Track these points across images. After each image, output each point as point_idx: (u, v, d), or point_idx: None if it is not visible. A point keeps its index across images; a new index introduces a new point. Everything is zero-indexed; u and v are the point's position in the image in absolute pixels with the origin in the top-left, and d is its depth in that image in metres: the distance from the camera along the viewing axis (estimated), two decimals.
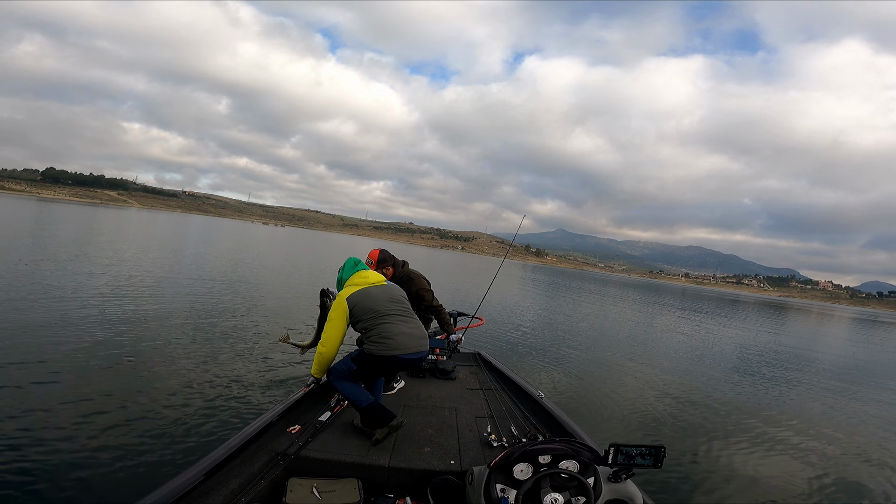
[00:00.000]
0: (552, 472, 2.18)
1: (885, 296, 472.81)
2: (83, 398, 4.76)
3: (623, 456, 2.19)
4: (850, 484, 4.70)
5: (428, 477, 2.74)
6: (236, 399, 5.26)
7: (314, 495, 2.52)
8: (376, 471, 2.80)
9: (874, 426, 7.27)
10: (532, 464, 2.24)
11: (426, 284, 4.59)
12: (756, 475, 4.48)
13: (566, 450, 2.24)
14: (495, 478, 2.24)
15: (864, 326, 43.59)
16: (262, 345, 7.57)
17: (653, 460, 2.19)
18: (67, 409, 4.48)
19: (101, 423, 4.28)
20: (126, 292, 10.04)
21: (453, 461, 2.92)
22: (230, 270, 17.10)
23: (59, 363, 5.54)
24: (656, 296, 51.14)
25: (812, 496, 4.26)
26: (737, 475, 4.40)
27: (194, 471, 2.36)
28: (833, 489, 4.50)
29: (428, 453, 3.01)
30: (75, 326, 6.99)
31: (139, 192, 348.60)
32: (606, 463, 2.22)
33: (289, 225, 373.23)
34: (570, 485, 2.18)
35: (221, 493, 2.36)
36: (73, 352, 6.00)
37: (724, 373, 9.55)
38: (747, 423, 6.07)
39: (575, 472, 2.20)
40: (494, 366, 5.04)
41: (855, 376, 12.27)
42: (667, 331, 16.36)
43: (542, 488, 2.16)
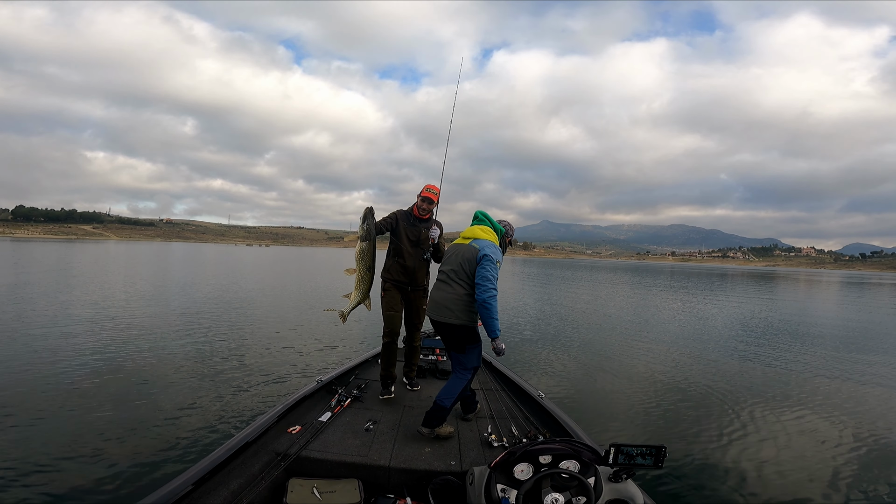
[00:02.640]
0: (553, 472, 2.18)
1: (867, 257, 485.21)
2: (84, 401, 4.93)
3: (623, 456, 2.19)
4: (859, 472, 4.53)
5: (428, 477, 2.76)
6: (237, 400, 5.37)
7: (315, 496, 2.55)
8: (377, 471, 2.82)
9: (885, 399, 7.14)
10: (533, 464, 2.24)
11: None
12: (760, 471, 4.42)
13: (567, 450, 2.23)
14: (496, 478, 2.23)
15: (855, 290, 44.38)
16: (263, 346, 7.66)
17: (653, 460, 2.18)
18: (68, 410, 4.62)
19: (102, 424, 4.42)
20: (122, 315, 9.89)
21: (454, 461, 2.93)
22: (221, 293, 16.84)
23: (61, 371, 5.78)
24: (647, 277, 51.73)
25: (818, 489, 4.19)
26: (739, 473, 4.35)
27: (195, 471, 2.39)
28: (841, 480, 4.36)
29: (428, 453, 3.03)
30: (78, 344, 6.85)
31: (114, 223, 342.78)
32: (607, 463, 2.21)
33: (273, 244, 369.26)
34: (571, 485, 2.17)
35: (222, 493, 2.38)
36: (75, 359, 6.27)
37: (725, 359, 9.41)
38: (750, 415, 5.98)
39: (575, 472, 2.20)
40: (494, 366, 5.07)
41: (860, 344, 12.25)
42: (663, 316, 16.28)
43: (542, 488, 2.15)
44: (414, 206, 4.13)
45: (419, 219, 4.13)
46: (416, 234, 4.09)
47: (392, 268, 4.13)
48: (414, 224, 4.11)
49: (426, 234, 4.11)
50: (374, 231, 3.71)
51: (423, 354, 5.25)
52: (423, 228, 4.13)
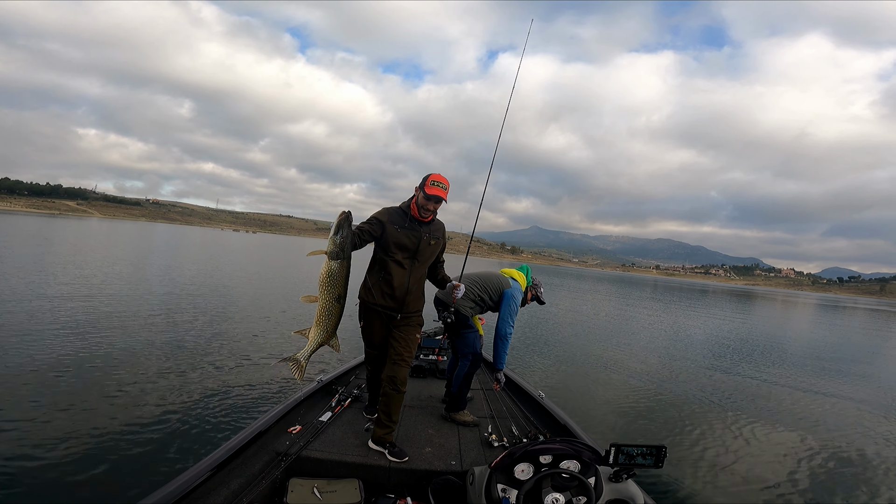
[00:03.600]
0: (553, 472, 2.18)
1: (844, 281, 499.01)
2: (82, 401, 4.83)
3: (624, 456, 2.20)
4: (847, 473, 4.73)
5: (429, 477, 2.75)
6: (237, 400, 5.33)
7: (315, 496, 2.54)
8: (377, 471, 2.80)
9: (863, 407, 7.57)
10: (533, 464, 2.23)
11: None
12: (759, 471, 4.50)
13: (567, 450, 2.23)
14: (496, 478, 2.23)
15: (830, 312, 45.44)
16: (263, 346, 7.69)
17: (654, 460, 2.19)
18: (68, 411, 4.56)
19: (102, 424, 4.38)
20: (117, 303, 9.79)
21: (454, 461, 2.93)
22: (216, 278, 16.60)
23: (55, 371, 5.52)
24: (632, 289, 52.30)
25: (815, 489, 4.30)
26: (738, 473, 4.41)
27: (195, 471, 2.37)
28: (833, 480, 4.53)
29: (429, 453, 3.02)
30: (70, 335, 6.71)
31: (99, 201, 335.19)
32: (607, 463, 2.22)
33: (260, 231, 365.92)
34: (572, 485, 2.17)
35: (222, 493, 2.37)
36: (71, 358, 5.99)
37: (717, 365, 9.67)
38: (747, 417, 6.12)
39: (576, 472, 2.20)
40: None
41: (838, 360, 12.80)
42: (654, 325, 16.65)
43: (543, 488, 2.15)
44: (412, 201, 3.05)
45: (419, 221, 3.02)
46: (413, 242, 2.99)
47: (375, 286, 3.02)
48: (412, 227, 3.00)
49: (429, 244, 3.07)
50: (350, 247, 2.72)
51: (423, 354, 5.25)
52: (425, 235, 3.03)
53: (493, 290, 3.77)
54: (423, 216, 3.00)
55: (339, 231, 2.64)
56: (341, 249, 2.66)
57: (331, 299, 2.67)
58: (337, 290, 2.68)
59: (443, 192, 2.96)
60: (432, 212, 3.02)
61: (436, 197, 2.96)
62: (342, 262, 2.67)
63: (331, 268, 2.65)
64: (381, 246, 3.02)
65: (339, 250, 2.65)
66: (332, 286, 2.66)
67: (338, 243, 2.64)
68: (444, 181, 2.97)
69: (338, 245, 2.64)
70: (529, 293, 4.05)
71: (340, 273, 2.67)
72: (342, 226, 2.65)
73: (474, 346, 3.73)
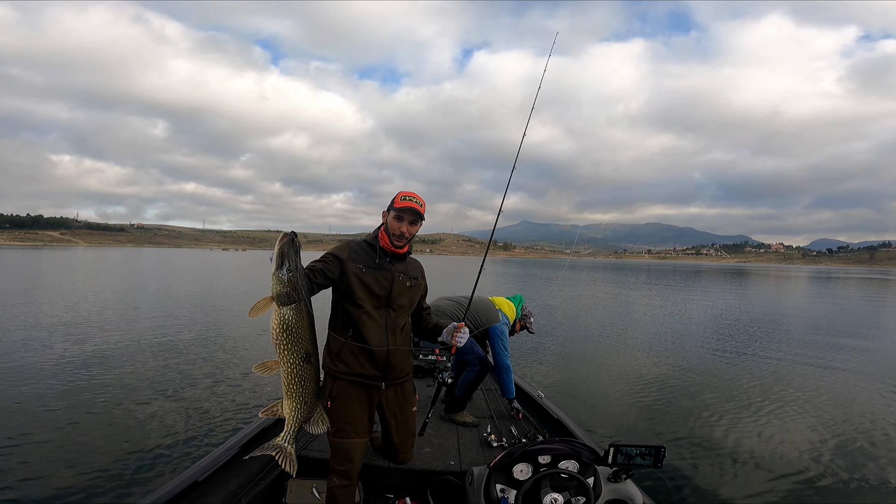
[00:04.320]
0: (552, 472, 2.17)
1: (834, 252, 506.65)
2: (83, 403, 4.95)
3: (623, 456, 2.19)
4: (847, 464, 4.64)
5: (428, 477, 2.75)
6: (237, 400, 5.38)
7: (314, 496, 2.56)
8: (376, 471, 2.81)
9: (864, 384, 7.54)
10: (532, 464, 2.23)
11: None
12: (759, 470, 4.48)
13: (566, 450, 2.23)
14: (495, 478, 2.23)
15: (822, 283, 45.97)
16: (262, 349, 7.81)
17: (653, 460, 2.20)
18: (68, 412, 4.66)
19: (102, 424, 4.45)
20: (112, 318, 9.56)
21: (453, 461, 2.94)
22: (209, 293, 16.46)
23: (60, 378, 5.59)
24: (626, 276, 52.52)
25: (815, 486, 4.25)
26: (738, 473, 4.40)
27: (195, 471, 2.40)
28: (835, 473, 4.46)
29: (428, 453, 3.03)
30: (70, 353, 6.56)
31: (83, 229, 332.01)
32: (606, 463, 2.22)
33: (250, 248, 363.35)
34: (570, 485, 2.16)
35: (222, 493, 2.38)
36: (70, 360, 6.13)
37: (718, 357, 9.56)
38: (747, 414, 6.07)
39: (575, 472, 2.19)
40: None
41: (837, 333, 12.87)
42: (651, 315, 16.52)
43: (541, 488, 2.15)
44: (379, 230, 2.34)
45: (391, 255, 2.31)
46: (384, 285, 2.27)
47: (344, 351, 2.25)
48: (381, 265, 2.28)
49: (406, 285, 2.34)
50: (305, 281, 2.00)
51: (422, 354, 5.25)
52: (399, 274, 2.32)
53: (482, 321, 3.89)
54: (395, 245, 2.26)
55: (283, 262, 1.87)
56: (292, 288, 1.89)
57: (296, 361, 1.96)
58: (301, 346, 1.95)
59: (418, 207, 2.25)
60: (407, 239, 2.30)
61: (410, 210, 2.23)
62: (299, 306, 1.93)
63: (284, 317, 1.90)
64: (342, 294, 2.24)
65: (290, 289, 1.89)
66: (292, 342, 1.94)
67: (285, 280, 1.88)
68: (415, 195, 2.30)
69: (286, 282, 1.88)
70: (518, 325, 4.22)
71: (299, 322, 1.93)
72: (286, 254, 1.88)
73: (478, 352, 3.78)
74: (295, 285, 1.92)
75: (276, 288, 1.90)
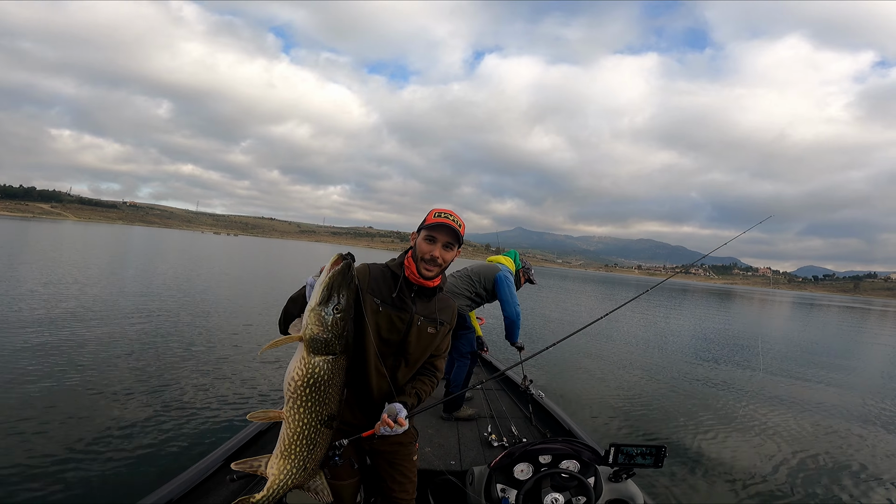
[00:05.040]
0: (553, 471, 2.18)
1: (819, 279, 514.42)
2: (82, 403, 4.85)
3: (623, 456, 2.21)
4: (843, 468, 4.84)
5: (428, 477, 2.74)
6: (236, 400, 5.34)
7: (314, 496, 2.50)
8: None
9: (851, 401, 7.82)
10: (532, 464, 2.23)
11: None
12: (758, 470, 4.56)
13: (567, 449, 2.23)
14: (496, 478, 2.23)
15: (807, 310, 46.48)
16: (260, 346, 7.41)
17: (653, 460, 2.21)
18: (68, 412, 4.58)
19: (102, 424, 4.41)
20: (116, 307, 9.52)
21: (453, 461, 2.94)
22: (205, 282, 16.29)
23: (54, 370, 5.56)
24: (617, 289, 52.85)
25: (812, 484, 4.38)
26: (738, 472, 4.46)
27: (195, 471, 2.40)
28: (829, 475, 4.62)
29: (428, 453, 3.02)
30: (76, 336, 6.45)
31: (74, 203, 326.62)
32: (607, 463, 2.23)
33: (242, 234, 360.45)
34: (571, 485, 2.17)
35: (222, 493, 2.38)
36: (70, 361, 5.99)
37: (712, 363, 9.82)
38: (744, 416, 6.22)
39: (575, 471, 2.20)
40: (494, 366, 5.12)
41: (824, 357, 13.21)
42: (646, 324, 16.92)
43: (542, 488, 2.15)
44: (406, 254, 1.85)
45: (417, 288, 1.80)
46: (400, 328, 1.77)
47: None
48: (398, 303, 1.77)
49: (426, 331, 1.81)
50: (351, 329, 1.55)
51: None
52: (419, 318, 1.79)
53: (486, 279, 3.74)
54: (424, 276, 1.75)
55: (330, 297, 1.41)
56: (335, 335, 1.43)
57: (312, 423, 1.49)
58: (326, 407, 1.50)
59: (454, 225, 1.74)
60: (440, 268, 1.77)
61: (446, 228, 1.73)
62: (337, 360, 1.47)
63: (314, 369, 1.44)
64: None
65: (332, 336, 1.43)
66: (315, 401, 1.47)
67: (328, 322, 1.41)
68: (453, 214, 1.79)
69: (329, 326, 1.42)
70: (522, 277, 4.05)
71: (333, 378, 1.48)
72: (337, 287, 1.42)
73: (472, 346, 3.81)
74: (340, 332, 1.45)
75: (313, 329, 1.42)
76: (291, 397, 1.49)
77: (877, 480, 4.65)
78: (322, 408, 1.50)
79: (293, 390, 1.48)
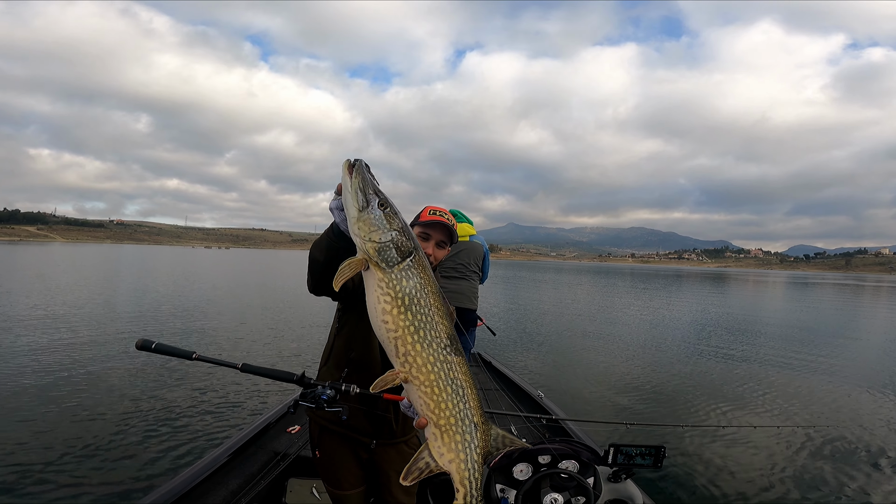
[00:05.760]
0: (552, 472, 2.17)
1: (811, 258, 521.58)
2: (82, 403, 4.92)
3: (623, 456, 2.21)
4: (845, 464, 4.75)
5: (428, 477, 2.70)
6: (236, 400, 5.39)
7: (314, 496, 2.56)
8: None
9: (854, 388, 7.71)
10: (532, 464, 2.23)
11: None
12: (758, 469, 4.55)
13: (566, 450, 2.23)
14: (495, 478, 2.22)
15: (801, 289, 46.86)
16: (261, 347, 7.86)
17: (653, 460, 2.22)
18: (68, 412, 4.64)
19: (102, 424, 4.46)
20: (112, 312, 9.27)
21: None
22: (198, 290, 16.18)
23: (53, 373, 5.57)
24: (612, 279, 53.12)
25: (812, 483, 4.34)
26: (738, 472, 4.45)
27: (194, 471, 2.39)
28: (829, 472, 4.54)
29: None
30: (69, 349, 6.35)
31: (60, 224, 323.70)
32: (606, 463, 2.23)
33: (233, 246, 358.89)
34: (570, 485, 2.17)
35: (221, 493, 2.39)
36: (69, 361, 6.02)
37: (710, 355, 9.76)
38: (744, 414, 6.19)
39: (575, 472, 2.19)
40: (494, 366, 5.12)
41: (824, 337, 13.28)
42: (643, 316, 16.88)
43: (541, 488, 2.15)
44: None
45: None
46: None
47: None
48: None
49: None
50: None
51: None
52: None
53: (477, 255, 3.94)
54: None
55: (367, 195, 1.15)
56: (399, 230, 1.15)
57: (438, 354, 1.15)
58: (440, 326, 1.16)
59: (447, 222, 1.79)
60: (433, 261, 1.78)
61: (439, 225, 1.78)
62: (416, 257, 1.16)
63: (398, 285, 1.13)
64: (351, 312, 1.79)
65: (397, 233, 1.15)
66: (424, 325, 1.14)
67: (384, 221, 1.15)
68: (446, 212, 1.85)
69: (387, 224, 1.14)
70: None
71: (425, 283, 1.16)
72: (369, 183, 1.16)
73: (473, 343, 3.96)
74: (401, 225, 1.17)
75: (372, 237, 1.13)
76: (392, 339, 1.14)
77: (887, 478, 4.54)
78: (435, 329, 1.15)
79: (393, 329, 1.13)
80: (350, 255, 1.17)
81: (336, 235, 1.35)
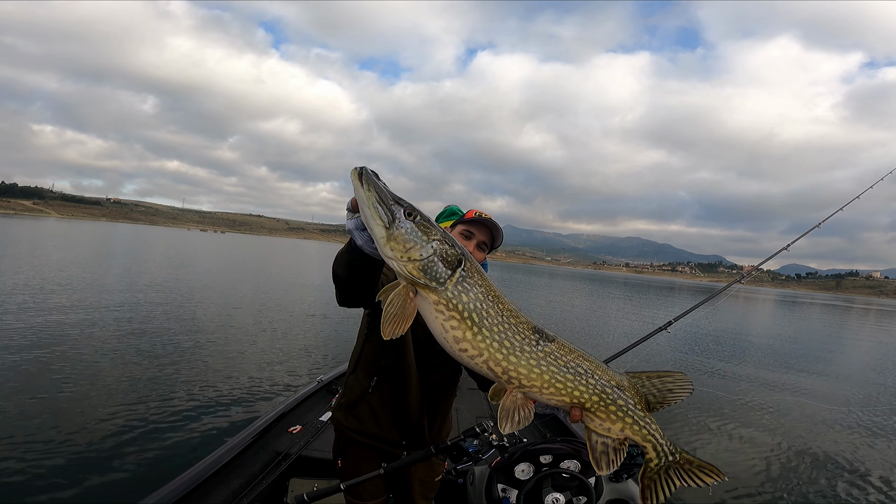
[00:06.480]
0: (553, 471, 2.17)
1: (802, 277, 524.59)
2: (83, 403, 4.87)
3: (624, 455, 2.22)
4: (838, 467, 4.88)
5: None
6: (237, 400, 5.38)
7: None
8: None
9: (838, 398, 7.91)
10: (533, 463, 2.23)
11: None
12: (758, 469, 4.62)
13: (567, 449, 2.23)
14: (496, 478, 2.22)
15: (789, 308, 47.42)
16: (261, 347, 7.75)
17: None
18: (68, 413, 4.59)
19: (103, 424, 4.43)
20: (119, 307, 9.37)
21: None
22: (204, 286, 16.08)
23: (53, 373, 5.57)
24: (608, 287, 53.19)
25: (810, 483, 4.43)
26: (738, 471, 4.51)
27: (196, 471, 2.37)
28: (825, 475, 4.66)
29: None
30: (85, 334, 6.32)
31: (57, 200, 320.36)
32: None
33: (229, 231, 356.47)
34: (572, 485, 2.17)
35: (223, 493, 2.37)
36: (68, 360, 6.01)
37: (708, 362, 9.91)
38: (743, 414, 6.28)
39: (576, 471, 2.19)
40: None
41: (810, 354, 13.47)
42: (641, 321, 17.10)
43: (543, 488, 2.15)
44: None
45: None
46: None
47: (362, 403, 1.76)
48: None
49: None
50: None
51: None
52: None
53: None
54: None
55: (390, 207, 1.04)
56: (440, 239, 1.04)
57: (533, 351, 1.05)
58: (522, 326, 1.06)
59: (493, 221, 1.71)
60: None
61: (486, 224, 1.69)
62: (468, 265, 1.05)
63: (456, 299, 1.02)
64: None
65: (438, 243, 1.03)
66: (498, 328, 1.04)
67: (417, 234, 1.02)
68: (491, 217, 1.73)
69: (421, 236, 1.02)
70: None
71: (483, 286, 1.05)
72: (387, 193, 1.06)
73: None
74: (441, 234, 1.05)
75: (410, 256, 1.00)
76: (486, 364, 1.02)
77: (880, 478, 4.69)
78: (519, 331, 1.04)
79: (477, 354, 1.01)
80: (375, 269, 1.08)
81: (357, 255, 1.20)
